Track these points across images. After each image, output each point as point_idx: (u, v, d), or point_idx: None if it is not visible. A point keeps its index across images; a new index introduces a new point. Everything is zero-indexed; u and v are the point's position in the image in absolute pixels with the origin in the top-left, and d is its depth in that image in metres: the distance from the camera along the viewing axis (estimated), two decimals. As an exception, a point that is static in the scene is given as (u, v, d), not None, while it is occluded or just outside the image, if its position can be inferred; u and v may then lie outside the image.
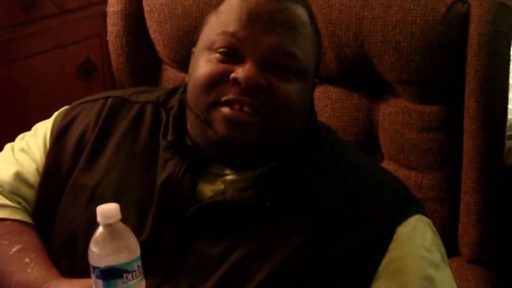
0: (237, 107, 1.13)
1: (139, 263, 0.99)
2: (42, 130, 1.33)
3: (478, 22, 1.40)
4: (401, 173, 1.50)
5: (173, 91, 1.31)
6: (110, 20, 1.73)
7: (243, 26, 1.15)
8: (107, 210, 0.99)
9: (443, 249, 1.21)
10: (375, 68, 1.50)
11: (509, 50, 1.44)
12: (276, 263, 1.12)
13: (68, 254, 1.21)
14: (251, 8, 1.15)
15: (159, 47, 1.70)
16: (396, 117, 1.51)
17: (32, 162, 1.30)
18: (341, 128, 1.55)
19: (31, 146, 1.32)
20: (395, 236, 1.14)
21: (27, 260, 1.19)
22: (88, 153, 1.26)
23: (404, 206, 1.18)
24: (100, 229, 0.99)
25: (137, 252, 0.99)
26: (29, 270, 1.18)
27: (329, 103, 1.56)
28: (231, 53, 1.15)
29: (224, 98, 1.14)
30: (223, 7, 1.19)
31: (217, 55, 1.16)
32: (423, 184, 1.50)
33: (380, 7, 1.46)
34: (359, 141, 1.55)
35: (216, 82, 1.15)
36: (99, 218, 0.98)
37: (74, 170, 1.26)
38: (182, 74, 1.67)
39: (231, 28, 1.15)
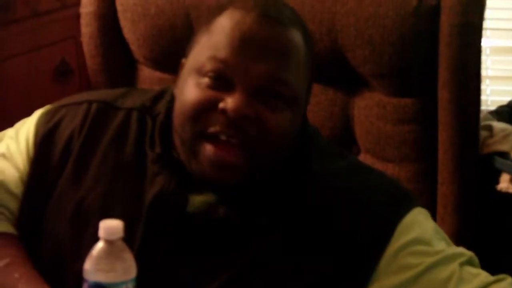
0: (223, 137, 1.09)
1: (130, 285, 0.96)
2: (24, 133, 1.28)
3: (449, 14, 1.41)
4: (378, 166, 1.50)
5: (158, 96, 1.26)
6: (84, 21, 1.72)
7: (234, 53, 1.10)
8: (110, 226, 0.95)
9: (445, 235, 1.20)
10: (349, 62, 1.50)
11: (481, 41, 1.45)
12: (274, 279, 1.10)
13: (55, 271, 1.16)
14: (244, 34, 1.10)
15: (133, 46, 1.69)
16: (371, 110, 1.52)
17: (15, 171, 1.24)
18: (317, 123, 1.54)
19: (12, 152, 1.26)
20: (395, 234, 1.12)
21: (16, 275, 1.13)
22: (74, 164, 1.22)
23: (399, 204, 1.16)
24: (99, 244, 0.96)
25: (131, 274, 0.95)
26: (20, 286, 1.12)
27: (304, 98, 1.56)
28: (221, 79, 1.11)
29: (210, 129, 1.10)
30: (215, 28, 1.14)
31: (206, 79, 1.11)
32: (400, 176, 1.51)
33: (352, 1, 1.47)
34: (336, 135, 1.55)
35: (203, 110, 1.10)
36: (100, 233, 0.95)
37: (59, 180, 1.22)
38: (158, 73, 1.68)
39: (222, 54, 1.10)
